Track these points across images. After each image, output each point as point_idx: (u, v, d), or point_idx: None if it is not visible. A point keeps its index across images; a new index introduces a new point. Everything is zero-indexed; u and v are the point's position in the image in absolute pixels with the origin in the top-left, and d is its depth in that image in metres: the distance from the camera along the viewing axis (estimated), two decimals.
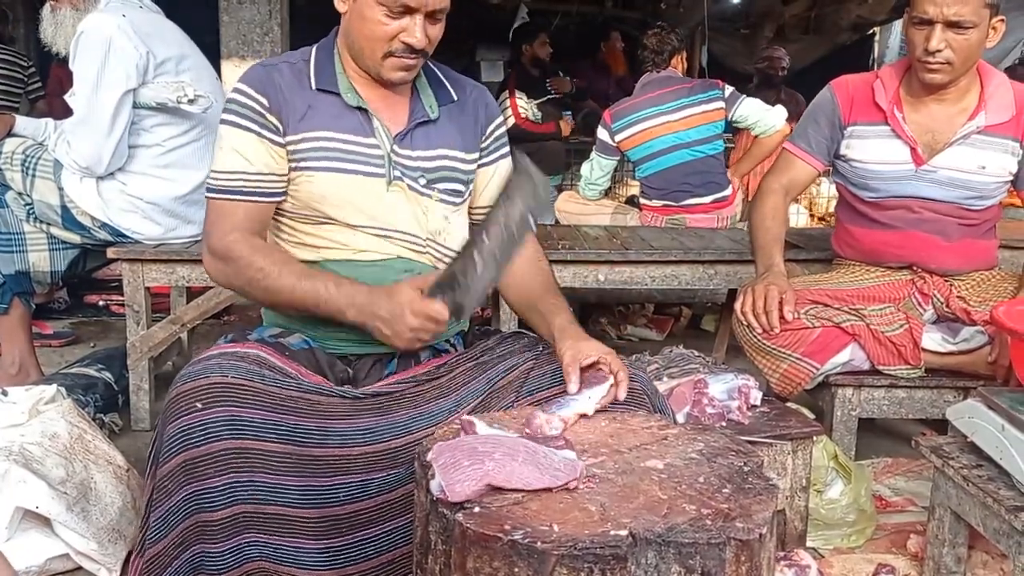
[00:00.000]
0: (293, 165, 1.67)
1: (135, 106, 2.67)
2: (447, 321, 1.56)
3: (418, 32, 1.60)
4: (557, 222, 5.18)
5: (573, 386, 1.51)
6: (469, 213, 1.88)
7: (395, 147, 1.70)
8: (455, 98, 1.79)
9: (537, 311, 1.74)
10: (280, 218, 1.74)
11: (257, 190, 1.67)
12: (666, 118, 3.85)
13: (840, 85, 2.50)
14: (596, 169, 4.12)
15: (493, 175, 1.86)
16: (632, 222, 4.01)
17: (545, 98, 5.45)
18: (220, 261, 1.67)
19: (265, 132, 1.65)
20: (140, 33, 2.63)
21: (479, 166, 1.83)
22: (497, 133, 1.87)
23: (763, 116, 3.88)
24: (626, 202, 4.73)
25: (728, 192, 3.95)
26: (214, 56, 3.53)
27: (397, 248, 1.70)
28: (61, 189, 2.74)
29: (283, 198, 1.70)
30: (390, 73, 1.65)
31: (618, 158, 4.05)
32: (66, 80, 2.71)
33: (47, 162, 2.77)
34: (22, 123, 2.92)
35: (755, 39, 7.76)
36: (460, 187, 1.78)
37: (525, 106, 5.41)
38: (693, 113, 3.86)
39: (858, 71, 2.63)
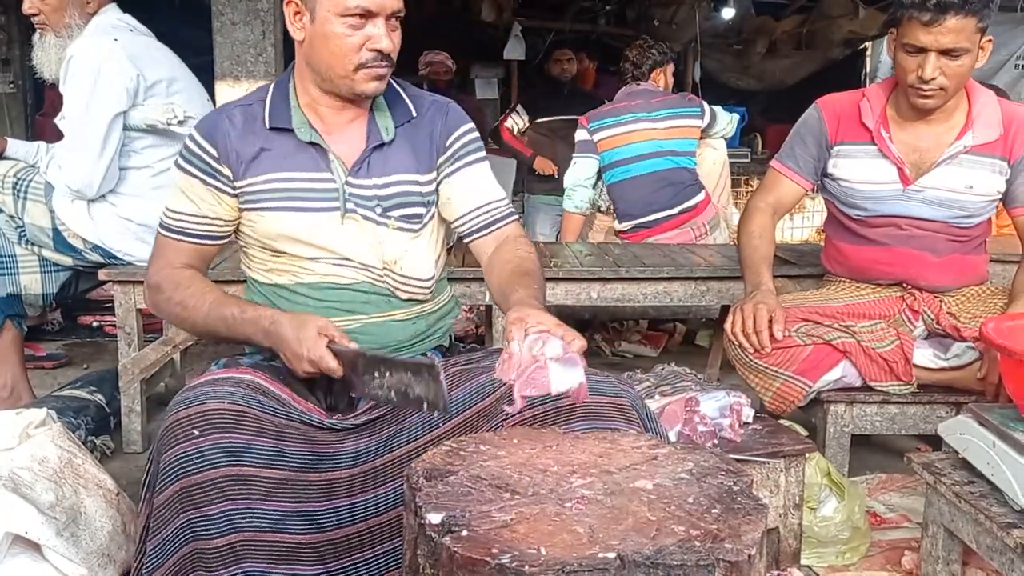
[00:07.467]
0: (245, 206, 1.71)
1: (125, 128, 2.68)
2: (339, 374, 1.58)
3: (384, 38, 1.63)
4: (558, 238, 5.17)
5: (515, 344, 1.36)
6: (453, 226, 1.85)
7: (349, 179, 1.70)
8: (414, 114, 1.78)
9: (503, 294, 1.66)
10: (247, 248, 1.78)
11: (200, 233, 1.75)
12: (650, 124, 3.84)
13: (827, 104, 2.48)
14: (581, 169, 3.91)
15: (464, 184, 1.80)
16: None
17: (551, 118, 5.24)
18: (151, 294, 1.76)
19: (211, 180, 1.71)
20: (131, 56, 2.64)
21: (438, 183, 1.80)
22: (461, 142, 1.80)
23: (724, 116, 4.03)
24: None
25: (697, 200, 3.86)
26: (208, 77, 3.53)
27: (358, 274, 1.73)
28: (52, 211, 2.74)
29: (226, 240, 1.78)
30: (364, 85, 1.65)
31: (599, 157, 3.88)
32: (60, 102, 2.71)
33: (38, 185, 2.77)
34: (13, 146, 2.93)
35: (747, 55, 7.81)
36: (419, 210, 1.76)
37: (518, 120, 5.37)
38: (675, 125, 3.86)
39: (850, 86, 2.64)
